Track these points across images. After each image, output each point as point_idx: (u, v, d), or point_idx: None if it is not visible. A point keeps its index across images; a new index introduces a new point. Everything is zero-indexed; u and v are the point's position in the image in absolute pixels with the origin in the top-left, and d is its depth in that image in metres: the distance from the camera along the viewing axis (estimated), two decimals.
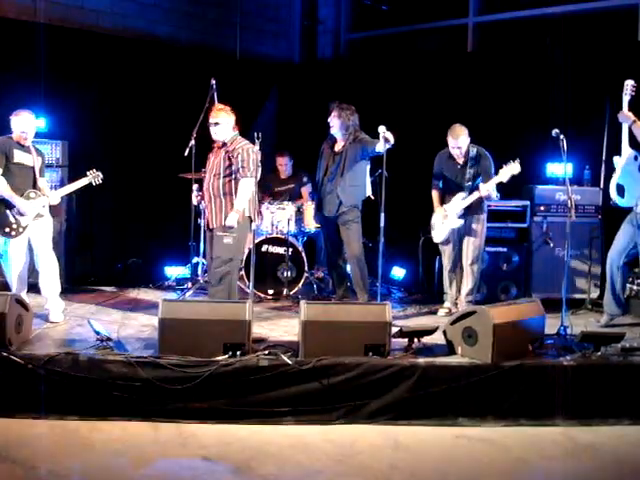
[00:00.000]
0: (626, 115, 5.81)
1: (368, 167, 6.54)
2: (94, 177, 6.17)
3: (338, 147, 6.55)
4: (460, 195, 6.30)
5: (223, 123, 5.78)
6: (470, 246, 6.38)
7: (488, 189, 6.18)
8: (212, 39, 9.21)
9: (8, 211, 5.72)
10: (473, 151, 6.30)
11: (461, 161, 6.34)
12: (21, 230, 5.76)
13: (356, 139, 6.42)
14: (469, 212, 6.33)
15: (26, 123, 5.79)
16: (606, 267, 6.19)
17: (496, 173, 6.20)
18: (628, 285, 6.48)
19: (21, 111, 5.79)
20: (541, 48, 8.11)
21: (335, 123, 6.45)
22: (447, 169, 6.44)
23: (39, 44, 7.41)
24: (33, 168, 5.87)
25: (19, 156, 5.79)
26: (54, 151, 7.17)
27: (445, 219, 6.39)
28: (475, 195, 6.24)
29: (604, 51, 7.49)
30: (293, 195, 7.96)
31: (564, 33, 8.06)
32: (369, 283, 6.71)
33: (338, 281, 6.83)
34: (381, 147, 6.01)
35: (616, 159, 6.03)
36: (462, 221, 6.32)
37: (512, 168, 6.05)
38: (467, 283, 6.45)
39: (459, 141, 6.23)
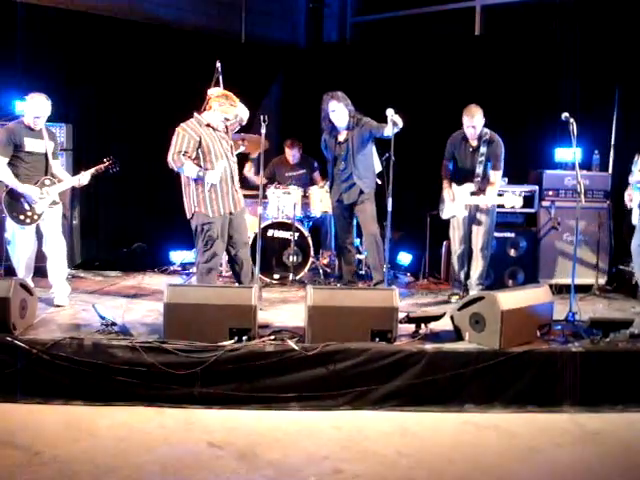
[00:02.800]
0: None
1: (374, 146, 6.48)
2: (111, 165, 6.08)
3: (342, 136, 6.45)
4: (468, 186, 6.25)
5: None
6: (480, 231, 6.33)
7: (487, 204, 6.21)
8: (217, 22, 9.15)
9: (22, 199, 5.68)
10: (486, 135, 6.25)
11: (474, 143, 6.29)
12: (36, 218, 5.74)
13: (359, 123, 6.34)
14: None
15: (40, 107, 5.69)
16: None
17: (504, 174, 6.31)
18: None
19: (36, 94, 5.69)
20: (549, 31, 8.01)
21: (340, 114, 6.31)
22: (459, 151, 6.39)
23: (45, 27, 7.38)
24: (45, 154, 5.82)
25: (30, 144, 5.73)
26: (60, 135, 7.12)
27: (452, 202, 6.35)
28: (478, 201, 6.22)
29: (614, 34, 7.42)
30: (303, 181, 7.90)
31: (573, 16, 7.96)
32: None
33: (345, 265, 6.75)
34: (389, 131, 5.93)
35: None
36: (466, 213, 6.29)
37: (515, 201, 6.05)
38: (477, 268, 6.41)
39: (474, 120, 6.17)
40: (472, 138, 6.29)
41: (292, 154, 8.01)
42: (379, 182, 6.53)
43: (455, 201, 6.32)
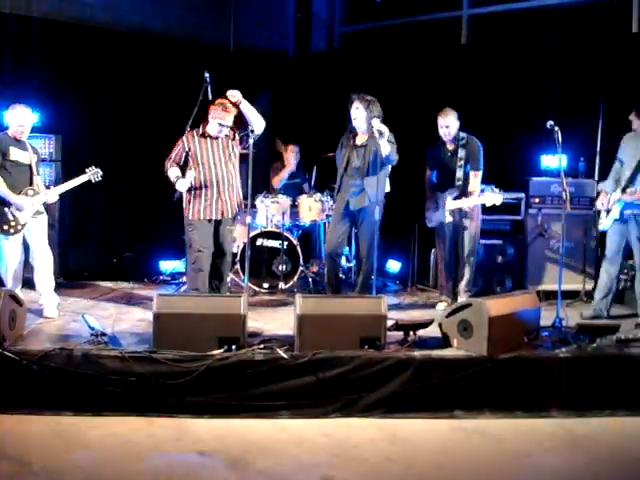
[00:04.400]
0: None
1: (389, 167, 6.33)
2: (93, 174, 6.12)
3: (361, 140, 6.30)
4: (451, 191, 6.32)
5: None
6: (466, 238, 6.39)
7: (469, 205, 6.26)
8: (205, 32, 9.16)
9: (6, 209, 5.70)
10: (463, 139, 6.35)
11: (451, 147, 6.38)
12: (20, 228, 5.75)
13: (381, 135, 5.97)
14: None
15: (23, 117, 5.76)
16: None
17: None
18: (622, 277, 6.49)
19: (18, 105, 5.76)
20: (535, 40, 8.10)
21: (359, 115, 6.16)
22: (438, 157, 6.49)
23: (33, 38, 7.39)
24: (30, 165, 5.85)
25: (16, 153, 5.76)
26: (47, 146, 7.16)
27: (436, 210, 6.41)
28: (460, 204, 6.26)
29: (598, 43, 7.51)
30: (295, 189, 7.94)
31: (559, 25, 8.05)
32: None
33: (332, 273, 6.48)
34: (385, 146, 5.89)
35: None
36: (452, 218, 6.33)
37: (496, 198, 6.13)
38: (464, 275, 6.46)
39: (447, 119, 6.31)
40: (446, 139, 6.38)
41: (292, 158, 8.04)
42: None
43: (439, 209, 6.38)
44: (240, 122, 5.95)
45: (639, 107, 5.93)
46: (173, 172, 5.84)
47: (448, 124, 6.33)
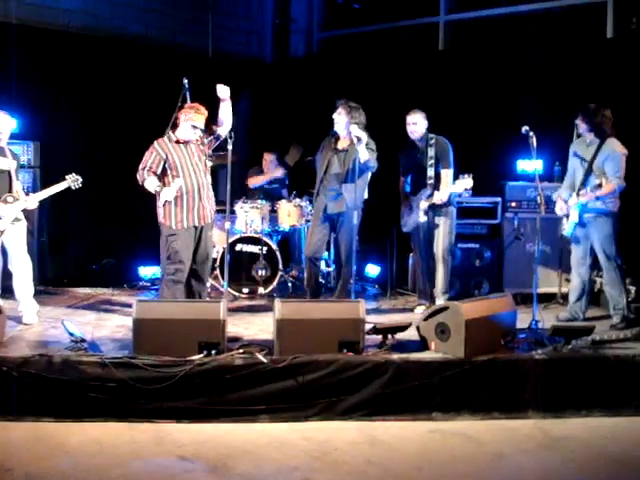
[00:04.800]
0: None
1: (369, 174, 6.40)
2: (73, 181, 6.12)
3: (342, 145, 6.36)
4: (423, 191, 6.41)
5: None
6: (439, 240, 6.47)
7: (442, 198, 6.31)
8: (184, 38, 9.18)
9: None
10: (432, 139, 6.45)
11: (420, 147, 6.48)
12: None
13: (360, 141, 6.05)
14: (436, 207, 6.42)
15: (1, 124, 5.76)
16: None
17: (455, 168, 6.41)
18: (597, 279, 6.58)
19: None
20: (511, 46, 8.21)
21: (340, 120, 6.25)
22: (409, 158, 6.59)
23: (11, 44, 7.37)
24: (9, 172, 5.84)
25: None
26: (26, 152, 7.14)
27: (411, 213, 6.48)
28: (433, 199, 6.34)
29: (574, 48, 7.62)
30: (276, 196, 7.97)
31: (534, 31, 8.15)
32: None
33: (311, 277, 6.53)
34: (363, 152, 5.99)
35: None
36: (426, 217, 6.40)
37: (466, 182, 6.18)
38: (440, 277, 6.52)
39: (414, 117, 6.46)
40: (414, 137, 6.49)
41: (269, 164, 8.09)
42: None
43: (413, 211, 6.45)
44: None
45: (584, 111, 6.02)
46: (152, 182, 5.62)
47: (415, 121, 6.45)
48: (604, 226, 5.95)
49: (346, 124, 6.22)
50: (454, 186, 6.27)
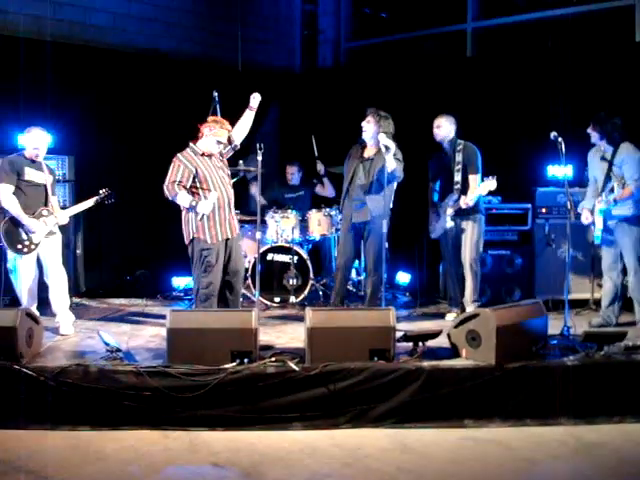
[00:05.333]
0: None
1: (395, 184, 6.44)
2: (106, 197, 6.24)
3: (369, 153, 6.42)
4: (450, 196, 6.42)
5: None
6: (467, 247, 6.48)
7: (467, 202, 6.32)
8: (213, 51, 9.31)
9: (20, 229, 5.81)
10: (460, 145, 6.47)
11: (448, 149, 6.52)
12: (33, 247, 5.86)
13: (388, 150, 6.08)
14: (464, 213, 6.43)
15: (38, 140, 5.90)
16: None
17: (483, 174, 6.40)
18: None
19: (33, 128, 5.91)
20: (539, 51, 8.20)
21: (369, 129, 6.32)
22: (437, 164, 6.63)
23: (45, 61, 7.53)
24: (45, 186, 5.98)
25: (30, 174, 5.89)
26: (61, 166, 7.29)
27: (439, 220, 6.51)
28: (460, 203, 6.35)
29: (602, 52, 7.59)
30: (304, 203, 8.04)
31: (562, 36, 8.13)
32: None
33: (340, 287, 6.59)
34: (390, 162, 6.01)
35: None
36: (453, 223, 6.42)
37: (490, 184, 6.19)
38: (469, 285, 6.53)
39: (438, 120, 6.53)
40: (438, 139, 6.54)
41: (292, 173, 8.15)
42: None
43: (441, 217, 6.46)
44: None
45: (595, 120, 6.05)
46: (185, 196, 5.58)
47: (439, 124, 6.52)
48: (630, 231, 5.95)
49: (374, 133, 6.28)
50: (478, 189, 6.27)
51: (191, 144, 5.80)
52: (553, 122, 7.30)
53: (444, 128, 6.52)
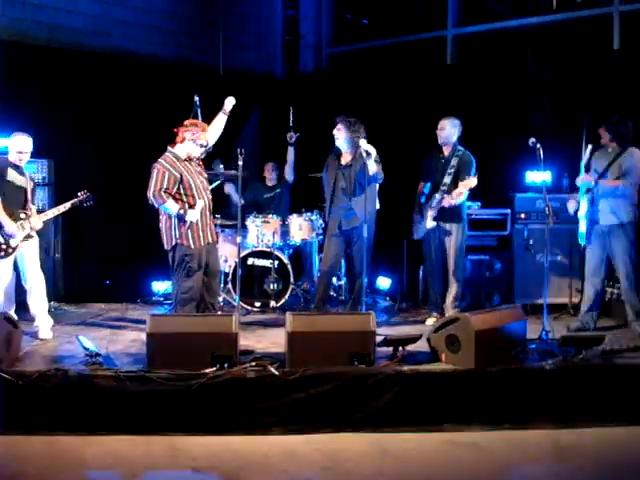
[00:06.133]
0: None
1: (377, 185, 6.52)
2: (85, 199, 6.21)
3: (345, 160, 6.46)
4: (435, 198, 6.45)
5: None
6: (450, 253, 6.52)
7: (450, 201, 6.36)
8: (194, 55, 9.30)
9: None
10: (459, 151, 6.51)
11: (446, 153, 6.55)
12: (10, 251, 5.82)
13: (363, 154, 6.15)
14: (446, 219, 6.48)
15: (23, 145, 5.90)
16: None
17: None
18: (608, 289, 6.59)
19: (18, 133, 5.92)
20: (519, 58, 8.26)
21: (340, 136, 6.37)
22: (432, 165, 6.64)
23: (25, 64, 7.50)
24: (25, 189, 5.95)
25: (12, 175, 5.88)
26: (41, 170, 7.23)
27: (422, 221, 6.56)
28: (443, 202, 6.39)
29: (581, 60, 7.67)
30: (281, 200, 8.05)
31: (541, 43, 8.21)
32: None
33: (323, 291, 6.63)
34: (372, 166, 6.07)
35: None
36: (434, 223, 6.46)
37: (471, 181, 6.27)
38: (451, 290, 6.56)
39: (443, 123, 6.56)
40: (440, 141, 6.57)
41: (270, 172, 8.17)
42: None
43: (424, 217, 6.51)
44: None
45: (608, 122, 6.10)
46: (173, 204, 5.54)
47: (442, 127, 6.57)
48: (625, 237, 6.03)
49: (346, 139, 6.35)
50: (461, 186, 6.32)
51: (170, 149, 5.74)
52: (532, 128, 7.37)
53: (446, 131, 6.56)
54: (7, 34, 7.57)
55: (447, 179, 6.45)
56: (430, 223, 6.46)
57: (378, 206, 6.59)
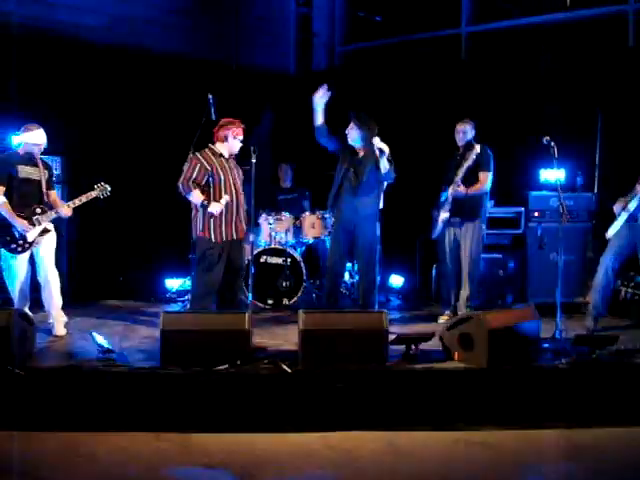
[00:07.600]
0: None
1: (384, 184, 6.50)
2: (102, 190, 6.21)
3: (357, 155, 6.45)
4: (448, 190, 6.45)
5: None
6: (466, 252, 6.49)
7: (457, 189, 6.36)
8: (208, 52, 9.30)
9: (13, 228, 5.79)
10: (477, 147, 6.43)
11: (462, 151, 6.53)
12: (27, 246, 5.84)
13: (374, 152, 6.21)
14: (464, 217, 6.46)
15: (39, 136, 5.91)
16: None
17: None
18: (622, 288, 6.55)
19: (32, 125, 5.91)
20: (533, 55, 8.22)
21: (352, 134, 6.37)
22: (451, 165, 6.61)
23: (37, 61, 7.53)
24: (39, 181, 5.95)
25: (24, 171, 5.87)
26: (54, 167, 7.24)
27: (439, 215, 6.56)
28: (449, 190, 6.40)
29: (596, 57, 7.63)
30: (296, 206, 8.04)
31: (555, 41, 8.17)
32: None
33: (331, 286, 6.57)
34: (384, 164, 6.07)
35: None
36: (447, 214, 6.44)
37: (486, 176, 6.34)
38: (465, 289, 6.54)
39: (462, 125, 6.58)
40: (459, 144, 6.59)
41: (284, 175, 8.16)
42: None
43: (441, 212, 6.50)
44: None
45: None
46: (198, 195, 5.73)
47: (462, 129, 6.59)
48: None
49: (358, 136, 6.34)
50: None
51: (210, 145, 5.94)
52: (546, 126, 7.32)
53: (467, 130, 6.59)
54: (21, 31, 7.59)
55: (461, 173, 6.42)
56: (443, 215, 6.44)
57: (381, 205, 6.56)
